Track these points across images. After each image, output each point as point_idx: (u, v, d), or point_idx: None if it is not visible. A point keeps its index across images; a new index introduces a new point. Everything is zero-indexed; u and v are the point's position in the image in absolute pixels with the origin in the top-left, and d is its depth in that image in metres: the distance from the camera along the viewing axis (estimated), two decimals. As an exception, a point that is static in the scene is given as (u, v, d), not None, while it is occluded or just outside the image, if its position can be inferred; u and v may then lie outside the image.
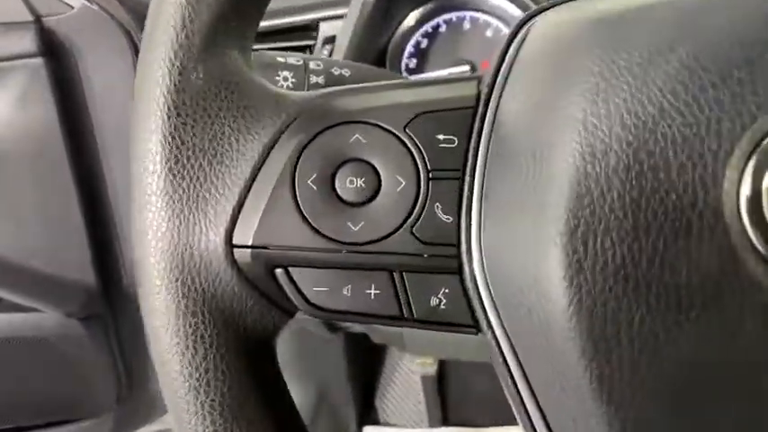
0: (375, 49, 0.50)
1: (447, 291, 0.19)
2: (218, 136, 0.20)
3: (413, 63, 0.55)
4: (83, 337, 0.76)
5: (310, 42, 0.49)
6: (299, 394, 0.84)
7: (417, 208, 0.19)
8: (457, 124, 0.20)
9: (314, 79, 0.30)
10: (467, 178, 0.19)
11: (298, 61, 0.30)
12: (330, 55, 0.47)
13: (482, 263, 0.18)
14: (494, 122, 0.19)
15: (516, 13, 0.51)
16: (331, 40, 0.47)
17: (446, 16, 0.55)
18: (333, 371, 0.87)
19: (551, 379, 0.17)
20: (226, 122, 0.20)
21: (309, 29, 0.49)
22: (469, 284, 0.19)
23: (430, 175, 0.19)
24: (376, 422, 0.94)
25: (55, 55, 0.66)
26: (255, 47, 0.49)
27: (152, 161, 0.20)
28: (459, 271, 0.19)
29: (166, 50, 0.20)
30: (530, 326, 0.17)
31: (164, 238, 0.19)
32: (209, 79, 0.20)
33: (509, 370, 0.18)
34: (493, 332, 0.19)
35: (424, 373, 0.89)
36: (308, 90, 0.29)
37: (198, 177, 0.20)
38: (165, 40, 0.20)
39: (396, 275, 0.19)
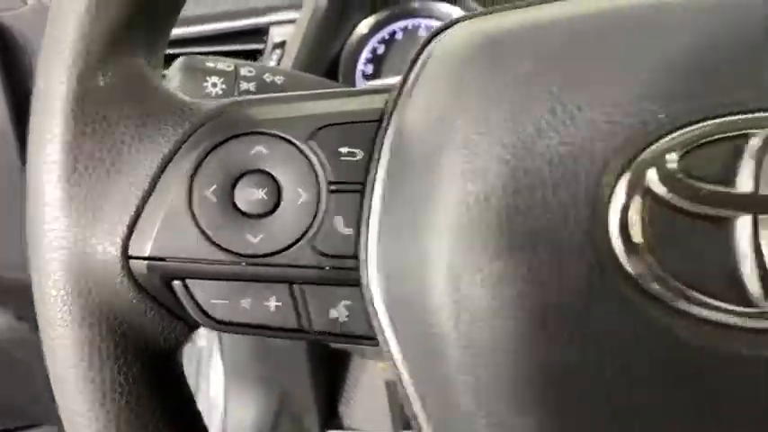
0: (327, 55, 0.49)
1: (348, 303, 0.19)
2: (117, 145, 0.19)
3: (369, 69, 0.55)
4: (34, 342, 0.74)
5: (260, 46, 0.48)
6: (260, 402, 0.83)
7: (317, 220, 0.19)
8: (360, 137, 0.19)
9: (244, 86, 0.30)
10: (367, 192, 0.19)
11: (228, 67, 0.30)
12: (280, 60, 0.46)
13: (378, 276, 0.18)
14: (396, 137, 0.19)
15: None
16: (281, 45, 0.47)
17: (401, 23, 0.55)
18: (295, 376, 0.86)
19: (438, 392, 0.17)
20: (127, 132, 0.20)
21: (261, 33, 0.49)
22: (366, 297, 0.19)
23: (331, 187, 0.19)
24: (340, 427, 0.93)
25: (8, 51, 0.65)
26: (197, 50, 0.48)
27: (48, 170, 0.19)
28: (360, 283, 0.19)
29: (65, 56, 0.19)
30: (420, 340, 0.17)
31: (59, 248, 0.19)
32: (110, 87, 0.20)
33: (403, 385, 0.18)
34: (388, 346, 0.19)
35: (387, 377, 0.89)
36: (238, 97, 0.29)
37: (95, 188, 0.19)
38: (63, 47, 0.19)
39: (296, 288, 0.19)
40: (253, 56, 0.49)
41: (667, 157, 0.15)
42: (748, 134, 0.15)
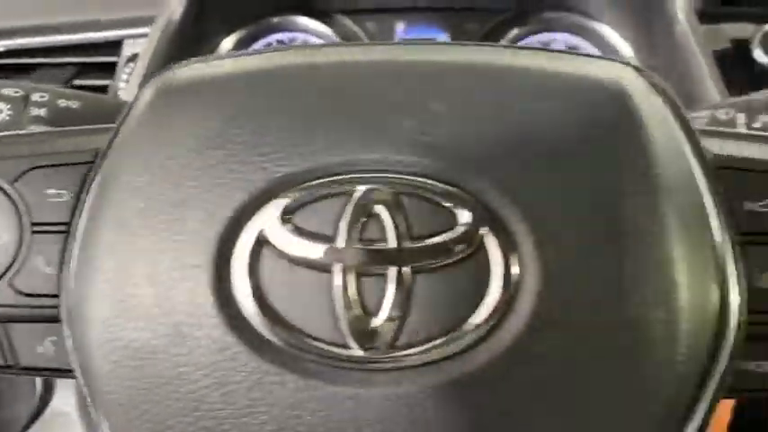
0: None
1: (54, 339, 0.20)
2: None
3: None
4: None
5: (116, 59, 0.48)
6: None
7: (18, 261, 0.20)
8: (69, 179, 0.20)
9: (35, 112, 0.30)
10: (71, 232, 0.20)
11: (16, 93, 0.30)
12: (130, 75, 0.46)
13: (72, 315, 0.19)
14: (102, 180, 0.20)
15: (329, 33, 0.53)
16: (134, 58, 0.47)
17: (274, 37, 0.56)
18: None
19: (110, 419, 0.19)
20: None
21: (116, 45, 0.48)
22: (63, 334, 0.20)
23: (34, 228, 0.20)
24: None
25: None
26: (51, 60, 0.47)
27: None
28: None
29: None
30: (95, 375, 0.19)
31: None
32: None
33: (95, 415, 0.19)
34: (82, 379, 0.20)
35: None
36: (27, 123, 0.29)
37: None
38: None
39: None
40: (110, 68, 0.49)
41: (285, 215, 0.17)
42: (350, 192, 0.17)
